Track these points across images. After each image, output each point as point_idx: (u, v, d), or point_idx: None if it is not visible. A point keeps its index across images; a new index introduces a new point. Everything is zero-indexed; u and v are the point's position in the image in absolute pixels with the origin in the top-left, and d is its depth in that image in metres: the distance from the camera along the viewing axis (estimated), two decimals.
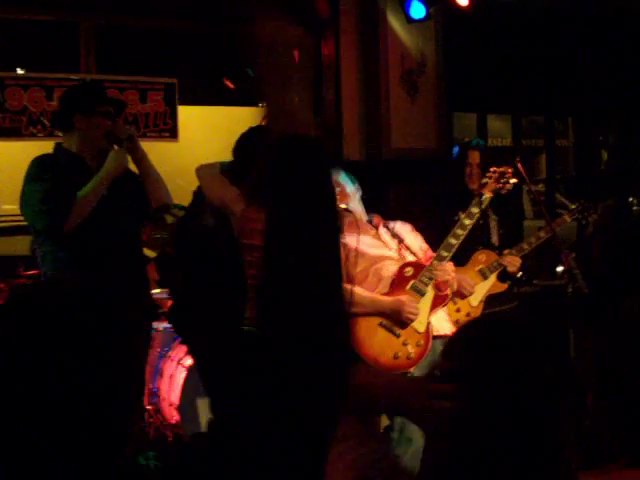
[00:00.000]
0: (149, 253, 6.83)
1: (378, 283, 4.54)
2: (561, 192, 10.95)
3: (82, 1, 6.99)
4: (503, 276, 5.24)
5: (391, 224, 4.85)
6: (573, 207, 5.43)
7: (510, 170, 5.08)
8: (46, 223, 4.47)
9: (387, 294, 4.53)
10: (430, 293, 4.56)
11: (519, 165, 5.23)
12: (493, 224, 5.47)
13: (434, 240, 5.01)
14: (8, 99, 6.60)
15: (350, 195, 4.68)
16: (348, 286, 4.45)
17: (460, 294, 4.98)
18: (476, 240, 5.31)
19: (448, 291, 4.59)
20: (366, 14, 7.51)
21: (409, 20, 7.33)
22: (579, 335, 4.96)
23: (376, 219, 4.83)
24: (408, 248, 4.77)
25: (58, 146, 4.71)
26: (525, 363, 1.59)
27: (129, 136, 4.62)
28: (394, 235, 4.79)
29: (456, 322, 4.88)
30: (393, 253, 4.68)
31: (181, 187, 6.44)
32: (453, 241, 4.74)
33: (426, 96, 7.67)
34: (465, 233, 4.79)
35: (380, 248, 4.65)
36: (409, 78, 7.57)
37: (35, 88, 6.72)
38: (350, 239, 4.23)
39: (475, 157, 5.45)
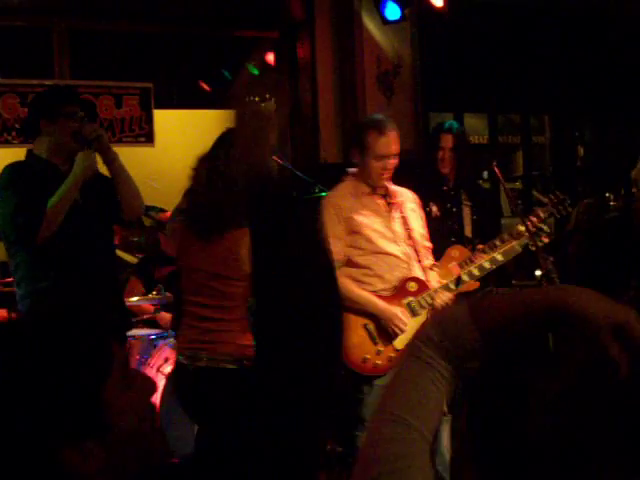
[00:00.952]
0: (129, 258, 6.80)
1: (379, 280, 4.58)
2: (538, 189, 10.97)
3: (55, 6, 6.93)
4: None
5: (401, 197, 4.83)
6: (546, 201, 5.21)
7: (567, 199, 5.05)
8: (18, 235, 4.43)
9: (384, 298, 4.57)
10: (422, 317, 4.60)
11: (496, 169, 5.21)
12: (467, 212, 5.31)
13: None
14: None
15: None
16: (347, 282, 4.46)
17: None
18: (448, 230, 5.24)
19: None
20: (341, 16, 7.50)
21: (384, 21, 7.31)
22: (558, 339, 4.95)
23: (396, 201, 4.80)
24: (412, 237, 4.74)
25: (29, 153, 4.65)
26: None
27: (97, 136, 4.49)
28: (406, 226, 4.74)
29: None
30: (399, 250, 4.66)
31: (157, 190, 6.43)
32: (465, 278, 4.81)
33: (402, 97, 7.68)
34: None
35: (388, 241, 4.65)
36: (385, 79, 7.57)
37: (9, 94, 6.67)
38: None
39: (448, 141, 5.26)
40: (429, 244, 4.89)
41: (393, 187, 4.83)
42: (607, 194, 8.75)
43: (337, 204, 4.61)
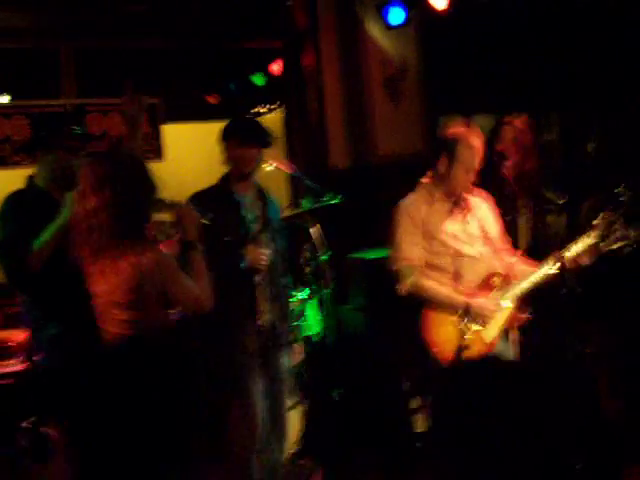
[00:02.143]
0: None
1: (458, 281, 4.64)
2: (548, 187, 10.94)
3: (60, 27, 6.96)
4: None
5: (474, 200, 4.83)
6: (560, 202, 5.17)
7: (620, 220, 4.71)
8: (4, 271, 4.45)
9: (470, 295, 4.64)
10: (508, 309, 4.67)
11: None
12: (522, 222, 5.20)
13: None
14: None
15: None
16: (430, 283, 4.38)
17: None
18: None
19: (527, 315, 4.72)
20: (345, 23, 7.52)
21: (388, 26, 7.33)
22: (577, 336, 4.93)
23: (467, 204, 4.80)
24: (490, 238, 4.79)
25: (30, 180, 4.62)
26: None
27: None
28: (482, 228, 4.78)
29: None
30: (475, 251, 4.72)
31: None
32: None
33: (409, 101, 7.68)
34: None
35: (464, 243, 4.71)
36: (391, 84, 7.58)
37: (18, 116, 6.70)
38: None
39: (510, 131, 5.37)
40: (507, 245, 4.93)
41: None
42: (617, 190, 8.69)
43: (411, 212, 4.71)
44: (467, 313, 4.58)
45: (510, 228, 5.07)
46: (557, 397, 4.61)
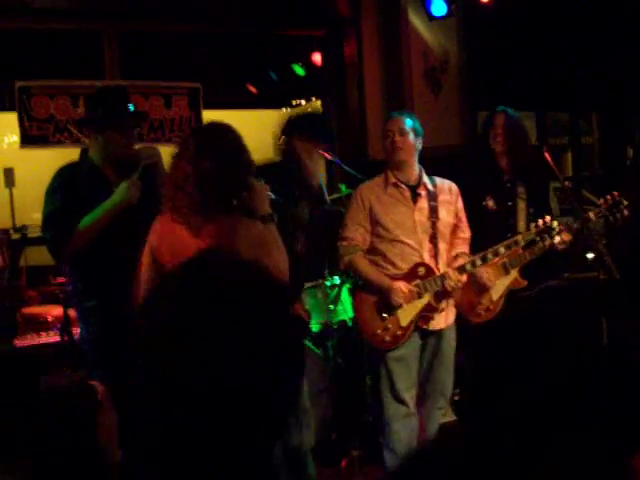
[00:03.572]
0: None
1: (392, 266, 4.95)
2: (588, 189, 10.87)
3: (104, 9, 7.02)
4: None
5: (434, 186, 5.07)
6: (601, 202, 5.21)
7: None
8: (47, 244, 4.49)
9: (395, 279, 4.93)
10: (425, 299, 4.94)
11: (546, 154, 5.21)
12: (522, 206, 5.38)
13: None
14: (35, 107, 6.64)
15: None
16: (364, 263, 4.55)
17: (480, 287, 5.22)
18: (504, 225, 5.31)
19: (442, 305, 4.98)
20: (387, 12, 7.51)
21: (431, 17, 7.32)
22: (612, 323, 4.93)
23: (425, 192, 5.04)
24: (439, 230, 4.99)
25: (83, 154, 4.64)
26: None
27: (152, 163, 4.48)
28: (433, 210, 4.98)
29: (477, 315, 5.29)
30: (413, 239, 4.93)
31: None
32: (479, 262, 5.01)
33: (450, 93, 7.67)
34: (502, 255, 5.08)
35: (405, 230, 4.94)
36: (432, 75, 7.58)
37: (61, 96, 6.75)
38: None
39: (500, 119, 5.41)
40: (465, 235, 5.13)
41: (426, 178, 5.09)
42: None
43: (363, 195, 5.03)
44: (387, 295, 4.89)
45: (510, 213, 5.36)
46: None
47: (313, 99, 8.94)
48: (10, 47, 7.48)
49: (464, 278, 4.96)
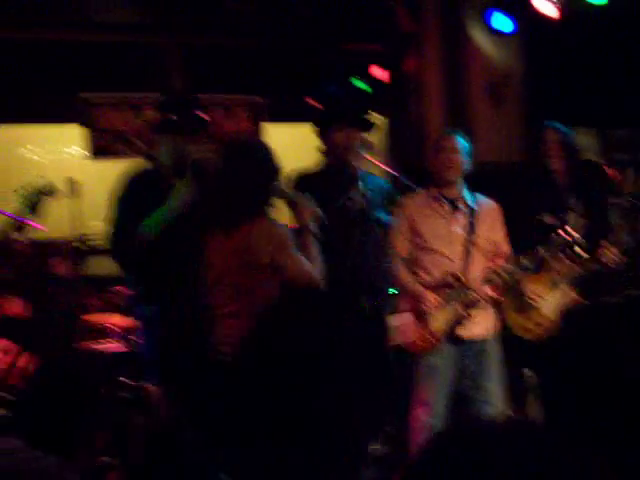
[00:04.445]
0: None
1: (426, 274, 5.03)
2: None
3: (168, 23, 7.11)
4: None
5: (474, 202, 5.15)
6: None
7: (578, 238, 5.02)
8: (110, 252, 4.54)
9: (429, 288, 5.01)
10: (454, 308, 4.98)
11: (608, 172, 5.17)
12: (576, 221, 5.29)
13: (518, 246, 5.06)
14: (98, 119, 6.73)
15: None
16: (402, 272, 4.66)
17: (525, 303, 5.26)
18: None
19: (473, 314, 4.99)
20: (449, 27, 7.49)
21: (493, 32, 7.28)
22: None
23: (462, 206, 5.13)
24: (475, 243, 5.05)
25: (150, 158, 4.72)
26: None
27: (193, 161, 4.53)
28: (471, 225, 5.06)
29: (527, 330, 5.29)
30: (450, 250, 5.01)
31: None
32: (504, 274, 5.01)
33: (511, 108, 7.61)
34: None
35: (443, 241, 5.03)
36: (494, 90, 7.52)
37: (124, 108, 6.84)
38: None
39: (552, 134, 5.39)
40: (502, 249, 5.16)
41: (467, 194, 5.18)
42: None
43: (405, 206, 5.13)
44: (418, 303, 4.97)
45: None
46: None
47: (374, 113, 8.93)
48: (74, 60, 7.59)
49: (489, 290, 5.01)
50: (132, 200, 4.49)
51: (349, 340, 1.52)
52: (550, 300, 5.22)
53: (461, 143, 5.14)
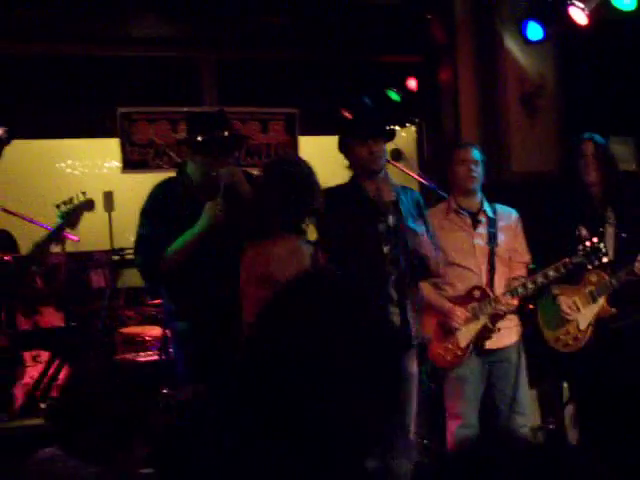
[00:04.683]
0: None
1: (450, 288, 5.15)
2: None
3: (203, 37, 7.18)
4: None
5: (494, 212, 5.25)
6: None
7: (603, 248, 4.98)
8: (137, 267, 4.59)
9: (454, 302, 5.14)
10: (482, 320, 5.07)
11: None
12: (610, 233, 5.26)
13: (552, 258, 5.04)
14: (136, 133, 6.81)
15: None
16: (427, 287, 4.72)
17: (562, 317, 5.25)
18: None
19: (499, 326, 5.08)
20: (483, 38, 7.48)
21: (527, 42, 7.27)
22: None
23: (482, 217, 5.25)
24: (497, 254, 5.16)
25: (181, 173, 4.72)
26: None
27: (231, 183, 4.43)
28: (493, 236, 5.15)
29: (565, 344, 5.28)
30: (472, 263, 5.13)
31: None
32: (530, 286, 5.10)
33: (546, 118, 7.58)
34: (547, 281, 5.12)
35: (464, 254, 5.14)
36: (528, 100, 7.50)
37: (161, 121, 6.91)
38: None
39: (589, 147, 5.31)
40: (523, 259, 5.30)
41: (487, 205, 5.27)
42: None
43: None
44: (445, 317, 5.08)
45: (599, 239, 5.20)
46: None
47: (408, 125, 8.95)
48: (112, 74, 7.70)
49: (515, 301, 5.09)
50: (159, 217, 4.50)
51: (361, 344, 1.54)
52: (586, 313, 5.22)
53: (480, 155, 5.26)
